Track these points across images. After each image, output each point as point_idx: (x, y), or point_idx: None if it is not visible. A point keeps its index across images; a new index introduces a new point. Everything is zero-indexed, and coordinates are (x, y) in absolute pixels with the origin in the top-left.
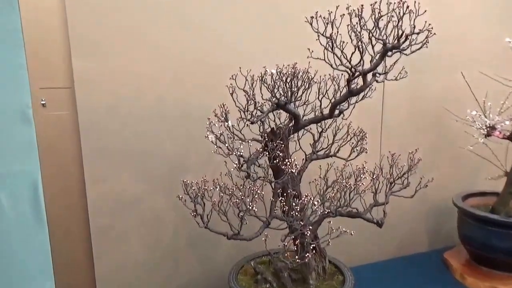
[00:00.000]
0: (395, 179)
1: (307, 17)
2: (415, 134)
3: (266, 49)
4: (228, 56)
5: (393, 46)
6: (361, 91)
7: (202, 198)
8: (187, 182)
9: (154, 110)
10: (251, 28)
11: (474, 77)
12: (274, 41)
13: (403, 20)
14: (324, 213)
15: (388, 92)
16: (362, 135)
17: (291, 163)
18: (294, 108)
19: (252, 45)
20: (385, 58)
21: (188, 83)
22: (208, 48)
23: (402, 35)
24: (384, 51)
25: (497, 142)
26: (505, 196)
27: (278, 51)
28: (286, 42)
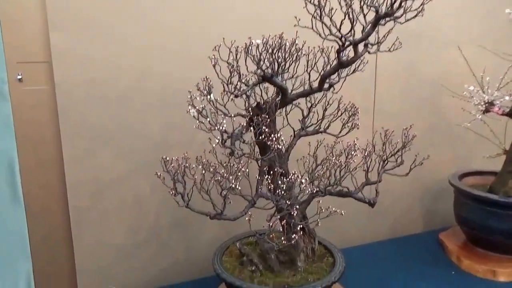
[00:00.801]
0: (388, 156)
1: None
2: (409, 111)
3: (251, 19)
4: (211, 27)
5: (386, 13)
6: (352, 63)
7: (183, 176)
8: (166, 159)
9: (136, 85)
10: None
11: (472, 52)
12: (260, 10)
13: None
14: (313, 192)
15: (381, 67)
16: (354, 111)
17: (278, 138)
18: (281, 81)
19: (236, 15)
20: (378, 27)
21: (171, 56)
22: (191, 19)
23: (396, 1)
24: (376, 19)
25: (496, 119)
26: (504, 175)
27: (264, 20)
28: (272, 11)
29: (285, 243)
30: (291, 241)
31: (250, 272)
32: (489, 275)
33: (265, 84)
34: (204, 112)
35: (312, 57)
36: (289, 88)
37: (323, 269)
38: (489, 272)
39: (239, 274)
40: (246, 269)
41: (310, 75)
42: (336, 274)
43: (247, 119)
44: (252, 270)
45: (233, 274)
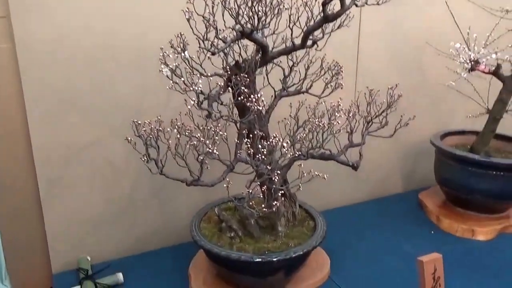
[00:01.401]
0: (372, 117)
1: None
2: (392, 69)
3: None
4: None
5: None
6: (338, 17)
7: (156, 141)
8: (137, 122)
9: (105, 44)
10: None
11: (460, 7)
12: None
13: None
14: (294, 156)
15: (365, 24)
16: (338, 69)
17: (258, 99)
18: (261, 38)
19: None
20: None
21: (142, 11)
22: None
23: None
24: None
25: (481, 77)
26: (486, 134)
27: None
28: None
29: (265, 210)
30: (272, 209)
31: (229, 239)
32: (468, 234)
33: (244, 41)
34: (178, 71)
35: (295, 12)
36: (270, 45)
37: (304, 233)
38: (468, 232)
39: (218, 240)
40: (225, 235)
41: (293, 30)
42: (317, 238)
43: (225, 78)
44: (231, 236)
45: (212, 240)
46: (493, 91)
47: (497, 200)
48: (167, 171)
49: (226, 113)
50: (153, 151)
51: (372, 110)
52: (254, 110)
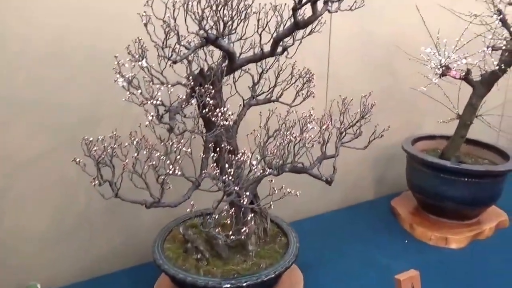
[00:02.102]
0: (346, 128)
1: None
2: (363, 74)
3: None
4: None
5: None
6: (309, 23)
7: (111, 159)
8: (88, 140)
9: (53, 48)
10: None
11: (429, 11)
12: None
13: None
14: (265, 173)
15: (335, 28)
16: (309, 77)
17: (224, 113)
18: (228, 44)
19: None
20: None
21: (97, 13)
22: None
23: None
24: None
25: (451, 83)
26: (456, 140)
27: None
28: None
29: (233, 238)
30: (241, 236)
31: (196, 261)
32: (442, 242)
33: (210, 47)
34: (135, 82)
35: (264, 16)
36: (237, 52)
37: (276, 251)
38: (442, 240)
39: (183, 263)
40: (191, 257)
41: (261, 36)
42: (290, 257)
43: (188, 89)
44: (198, 258)
45: (177, 264)
46: (463, 96)
47: (469, 207)
48: (124, 191)
49: (191, 125)
50: (107, 170)
51: (345, 120)
52: (219, 124)
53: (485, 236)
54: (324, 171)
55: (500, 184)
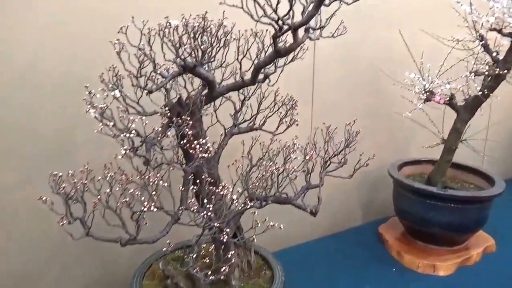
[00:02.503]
0: (331, 157)
1: None
2: (349, 99)
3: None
4: (117, 3)
5: None
6: (291, 51)
7: (82, 196)
8: (57, 175)
9: (24, 76)
10: None
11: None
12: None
13: None
14: (247, 207)
15: (320, 53)
16: (292, 104)
17: (202, 145)
18: (207, 72)
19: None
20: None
21: (68, 41)
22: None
23: None
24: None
25: (435, 108)
26: (442, 165)
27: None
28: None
29: (213, 278)
30: (220, 275)
31: None
32: (429, 270)
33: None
34: (110, 112)
35: (244, 43)
36: (218, 79)
37: (260, 286)
38: (429, 267)
39: None
40: None
41: (242, 64)
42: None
43: (163, 119)
44: None
45: None
46: (448, 121)
47: (456, 233)
48: (100, 227)
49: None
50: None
51: (330, 149)
52: (198, 157)
53: (473, 261)
54: (309, 200)
55: (486, 209)
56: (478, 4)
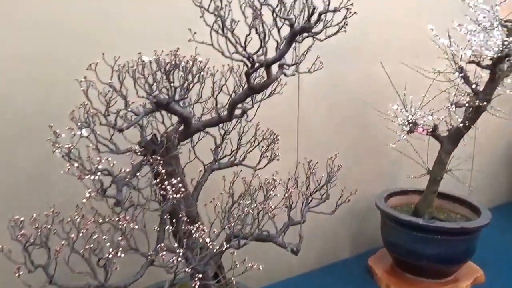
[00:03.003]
0: (312, 192)
1: None
2: (335, 130)
3: (140, 31)
4: (87, 40)
5: (303, 28)
6: (265, 87)
7: (46, 241)
8: (18, 220)
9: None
10: (117, 3)
11: (394, 68)
12: (151, 20)
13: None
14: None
15: (304, 85)
16: (273, 139)
17: (175, 185)
18: (182, 108)
19: (120, 25)
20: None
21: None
22: (61, 28)
23: (313, 14)
24: (292, 35)
25: (420, 138)
26: (429, 195)
27: (156, 33)
28: (167, 21)
29: None
30: None
31: None
32: None
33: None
34: (75, 152)
35: (220, 77)
36: (199, 113)
37: None
38: None
39: None
40: None
41: (217, 100)
42: None
43: (132, 159)
44: None
45: None
46: (432, 151)
47: (444, 265)
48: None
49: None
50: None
51: (312, 184)
52: (171, 198)
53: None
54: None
55: (474, 240)
56: (457, 36)
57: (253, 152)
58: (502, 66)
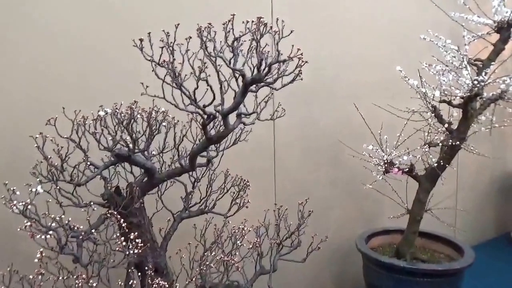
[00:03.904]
0: (282, 240)
1: (136, 39)
2: (312, 171)
3: (101, 84)
4: (43, 94)
5: (253, 79)
6: (223, 137)
7: None
8: None
9: None
10: (73, 59)
11: (370, 108)
12: (110, 75)
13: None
14: None
15: (279, 127)
16: (243, 185)
17: (132, 240)
18: (144, 160)
19: (80, 80)
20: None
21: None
22: (14, 84)
23: (261, 65)
24: (244, 86)
25: (396, 178)
26: (409, 236)
27: (114, 87)
28: (124, 74)
29: None
30: None
31: None
32: None
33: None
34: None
35: (182, 127)
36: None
37: None
38: None
39: None
40: None
41: (179, 150)
42: None
43: (88, 215)
44: None
45: None
46: (411, 190)
47: None
48: None
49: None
50: None
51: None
52: (129, 255)
53: None
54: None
55: (458, 281)
56: (429, 76)
57: (227, 198)
58: (474, 105)
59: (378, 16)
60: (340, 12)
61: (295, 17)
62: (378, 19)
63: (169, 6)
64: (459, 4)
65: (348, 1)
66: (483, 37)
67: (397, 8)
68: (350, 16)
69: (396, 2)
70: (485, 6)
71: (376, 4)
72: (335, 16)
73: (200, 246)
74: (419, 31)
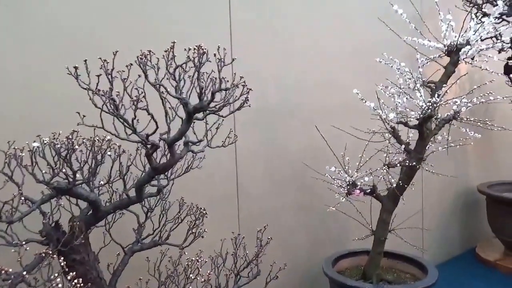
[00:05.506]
0: (239, 270)
1: (70, 67)
2: (276, 194)
3: (40, 113)
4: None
5: (195, 108)
6: (169, 167)
7: None
8: None
9: None
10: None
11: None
12: (49, 101)
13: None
14: None
15: (241, 151)
16: (200, 214)
17: (71, 280)
18: (87, 192)
19: (14, 112)
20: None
21: None
22: None
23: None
24: (187, 114)
25: (359, 200)
26: (375, 257)
27: (55, 116)
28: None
29: None
30: None
31: None
32: None
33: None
34: None
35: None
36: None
37: None
38: None
39: None
40: None
41: (125, 180)
42: None
43: (21, 254)
44: None
45: None
46: (375, 211)
47: None
48: None
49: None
50: None
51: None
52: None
53: None
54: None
55: None
56: (386, 98)
57: (183, 228)
58: (429, 125)
59: (340, 40)
60: (301, 36)
61: (255, 42)
62: (340, 43)
63: (128, 33)
64: (410, 29)
65: (308, 27)
66: (435, 60)
67: (358, 33)
68: (312, 40)
69: (356, 27)
70: (437, 31)
71: (337, 29)
72: (296, 41)
73: (153, 281)
74: (378, 55)
